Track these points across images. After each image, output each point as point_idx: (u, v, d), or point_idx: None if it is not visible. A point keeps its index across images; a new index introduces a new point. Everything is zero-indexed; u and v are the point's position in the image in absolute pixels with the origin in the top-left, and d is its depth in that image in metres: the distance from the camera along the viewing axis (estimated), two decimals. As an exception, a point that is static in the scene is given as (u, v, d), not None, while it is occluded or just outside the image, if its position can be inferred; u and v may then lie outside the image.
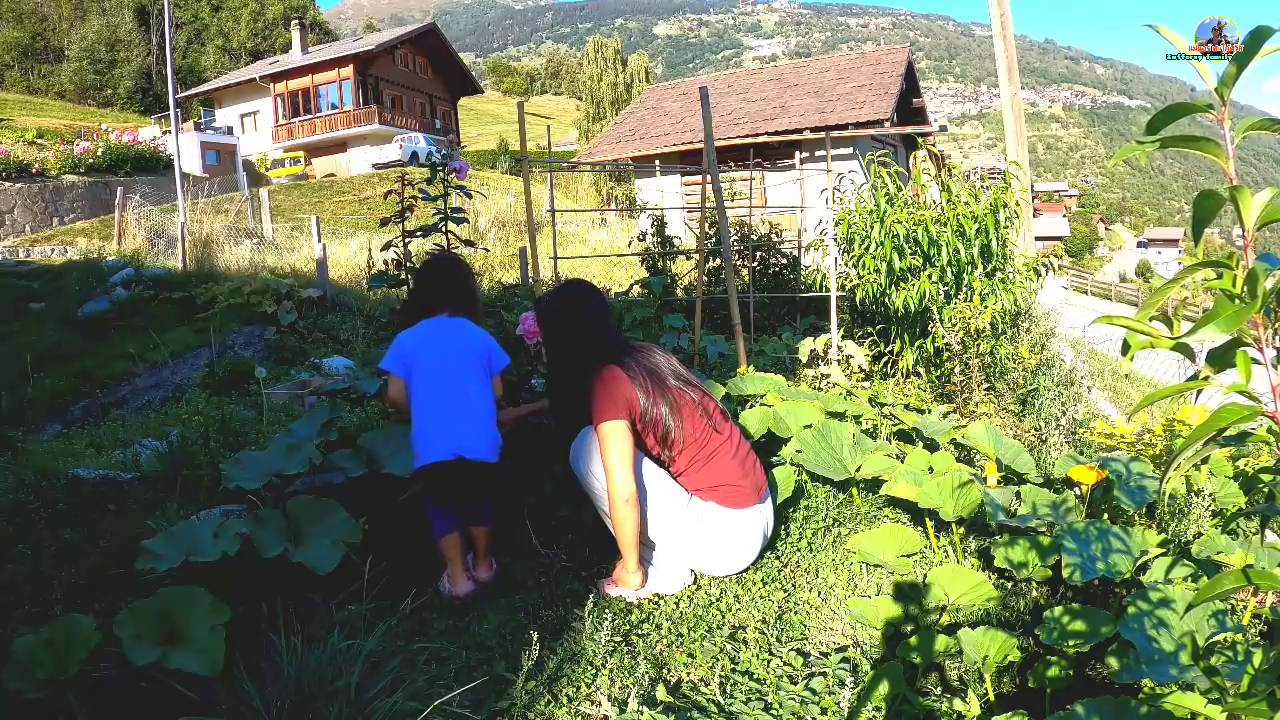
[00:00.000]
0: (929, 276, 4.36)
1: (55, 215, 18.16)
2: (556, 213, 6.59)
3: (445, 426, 2.25)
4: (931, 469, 2.66)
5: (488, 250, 10.90)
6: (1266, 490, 2.50)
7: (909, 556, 2.30)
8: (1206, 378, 0.98)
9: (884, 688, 1.72)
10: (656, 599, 2.22)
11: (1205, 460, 2.61)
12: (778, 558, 2.44)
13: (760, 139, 14.24)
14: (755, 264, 6.28)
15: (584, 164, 18.21)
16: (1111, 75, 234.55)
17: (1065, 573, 2.06)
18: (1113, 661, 1.67)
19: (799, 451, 2.77)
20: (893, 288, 4.45)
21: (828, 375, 4.22)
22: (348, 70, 32.90)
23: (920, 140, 12.59)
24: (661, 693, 1.78)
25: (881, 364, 4.71)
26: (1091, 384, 5.06)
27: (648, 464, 2.25)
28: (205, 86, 37.94)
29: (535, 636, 1.84)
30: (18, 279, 11.33)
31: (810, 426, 2.86)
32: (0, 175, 17.51)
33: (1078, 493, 2.59)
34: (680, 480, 2.26)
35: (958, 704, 1.75)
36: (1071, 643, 1.76)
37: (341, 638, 1.76)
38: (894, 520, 2.69)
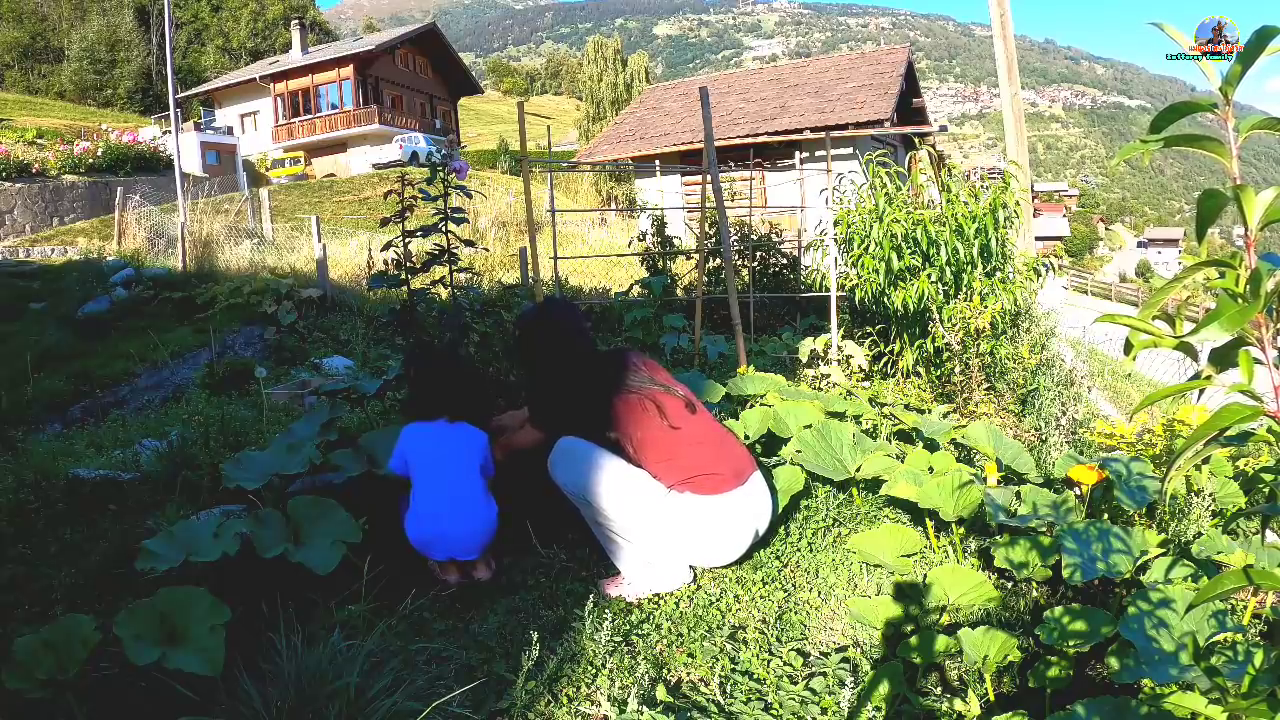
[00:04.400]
0: (928, 276, 4.35)
1: (55, 215, 18.16)
2: (556, 213, 6.59)
3: (440, 532, 2.31)
4: (931, 469, 2.65)
5: (488, 250, 10.92)
6: (1267, 490, 2.50)
7: (909, 556, 2.30)
8: (1208, 377, 0.97)
9: (884, 688, 1.72)
10: (656, 599, 2.22)
11: (1206, 460, 2.61)
12: (778, 558, 2.44)
13: (760, 139, 14.24)
14: (755, 264, 6.29)
15: (584, 164, 18.21)
16: (1111, 75, 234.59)
17: (1065, 573, 2.06)
18: (1113, 661, 1.67)
19: (799, 451, 2.77)
20: (891, 287, 4.45)
21: (828, 375, 4.22)
22: (348, 70, 32.92)
23: (919, 140, 12.57)
24: (661, 693, 1.78)
25: (881, 364, 4.71)
26: (1091, 384, 5.06)
27: (624, 463, 2.28)
28: (205, 86, 37.95)
29: (535, 636, 1.84)
30: (18, 279, 11.31)
31: (810, 426, 2.86)
32: (0, 175, 17.51)
33: (1078, 493, 2.59)
34: (656, 476, 2.28)
35: (958, 704, 1.75)
36: (1071, 643, 1.76)
37: (341, 638, 1.76)
38: (894, 520, 2.68)
